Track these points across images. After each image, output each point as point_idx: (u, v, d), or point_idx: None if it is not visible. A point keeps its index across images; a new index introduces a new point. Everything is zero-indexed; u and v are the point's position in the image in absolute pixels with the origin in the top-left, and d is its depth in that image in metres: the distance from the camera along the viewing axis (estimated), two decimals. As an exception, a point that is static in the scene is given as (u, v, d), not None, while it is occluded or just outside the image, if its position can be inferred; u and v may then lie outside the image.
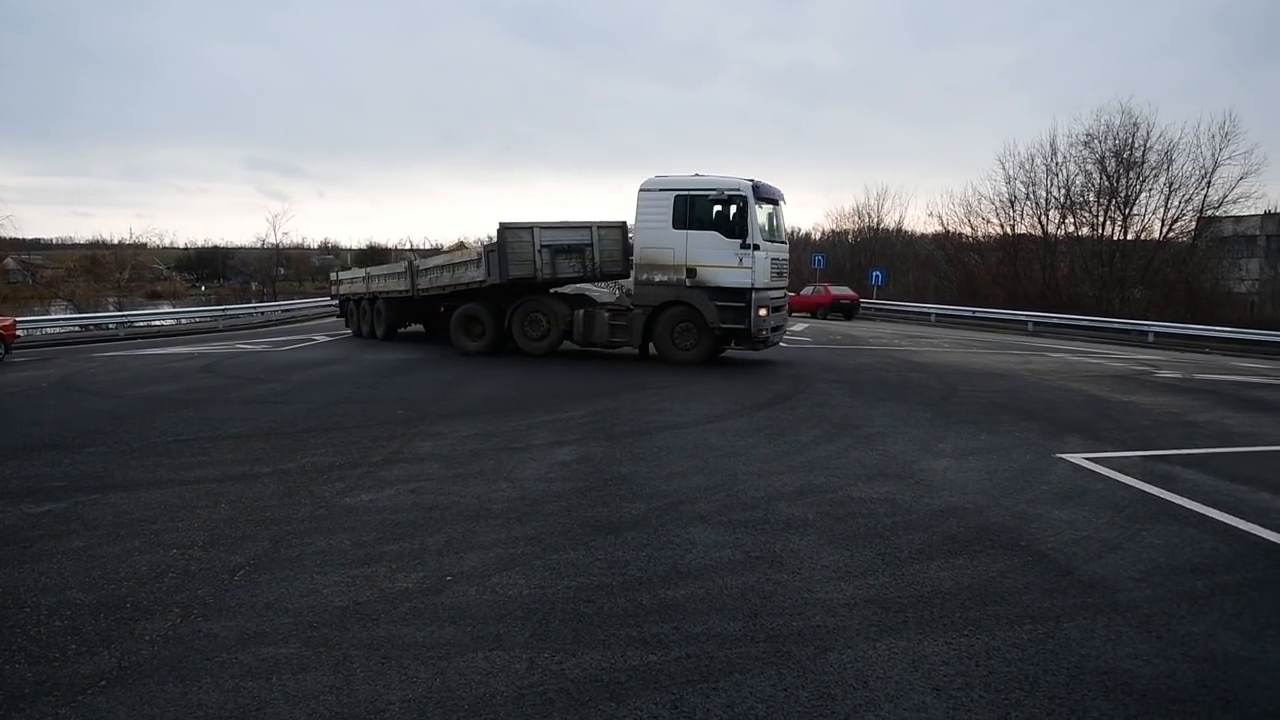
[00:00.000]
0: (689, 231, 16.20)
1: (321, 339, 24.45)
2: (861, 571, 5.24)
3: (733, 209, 16.05)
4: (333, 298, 28.56)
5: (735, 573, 5.19)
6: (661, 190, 16.50)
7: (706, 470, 7.81)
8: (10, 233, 50.98)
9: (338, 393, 13.17)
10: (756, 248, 15.84)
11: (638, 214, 16.73)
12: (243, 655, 4.09)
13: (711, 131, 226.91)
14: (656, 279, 16.59)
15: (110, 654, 4.13)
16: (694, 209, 16.26)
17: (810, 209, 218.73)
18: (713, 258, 16.07)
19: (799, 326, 31.25)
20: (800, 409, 11.46)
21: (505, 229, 17.22)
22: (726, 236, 15.99)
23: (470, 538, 5.85)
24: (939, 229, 53.47)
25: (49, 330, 30.52)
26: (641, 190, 16.66)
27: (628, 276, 17.73)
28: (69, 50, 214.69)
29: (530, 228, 17.29)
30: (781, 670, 3.93)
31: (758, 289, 15.93)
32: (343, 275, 26.72)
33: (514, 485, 7.25)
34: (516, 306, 18.04)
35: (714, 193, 16.20)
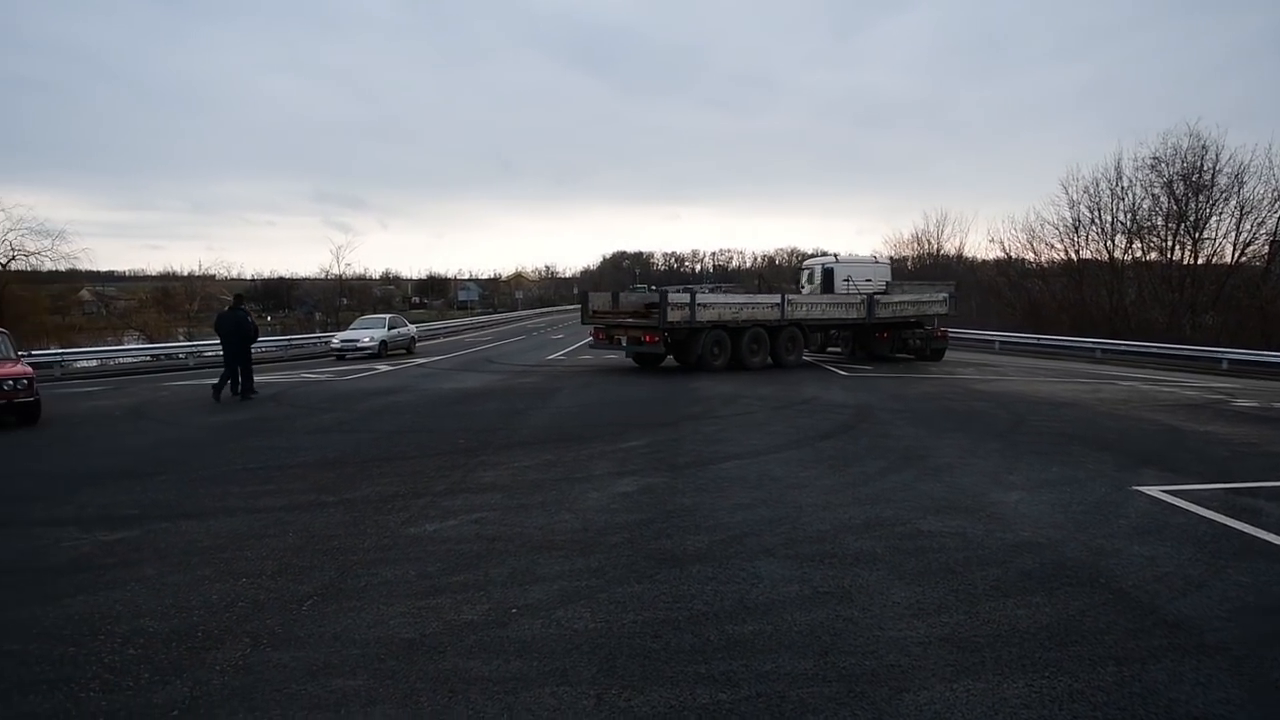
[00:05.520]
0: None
1: (383, 368, 24.78)
2: (935, 609, 5.09)
3: None
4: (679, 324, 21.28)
5: (804, 608, 5.09)
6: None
7: (770, 502, 7.71)
8: (86, 266, 52.78)
9: (400, 422, 13.31)
10: None
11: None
12: (311, 686, 4.10)
13: (768, 160, 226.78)
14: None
15: (183, 683, 4.17)
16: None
17: (869, 236, 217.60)
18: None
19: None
20: (864, 439, 11.28)
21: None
22: None
23: (534, 570, 5.83)
24: (1001, 255, 52.58)
25: (121, 360, 31.34)
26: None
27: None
28: (136, 90, 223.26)
29: None
30: (856, 712, 3.81)
31: None
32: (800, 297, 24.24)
33: (576, 516, 7.22)
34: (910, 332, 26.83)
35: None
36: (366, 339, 30.48)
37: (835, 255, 28.09)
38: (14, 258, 40.44)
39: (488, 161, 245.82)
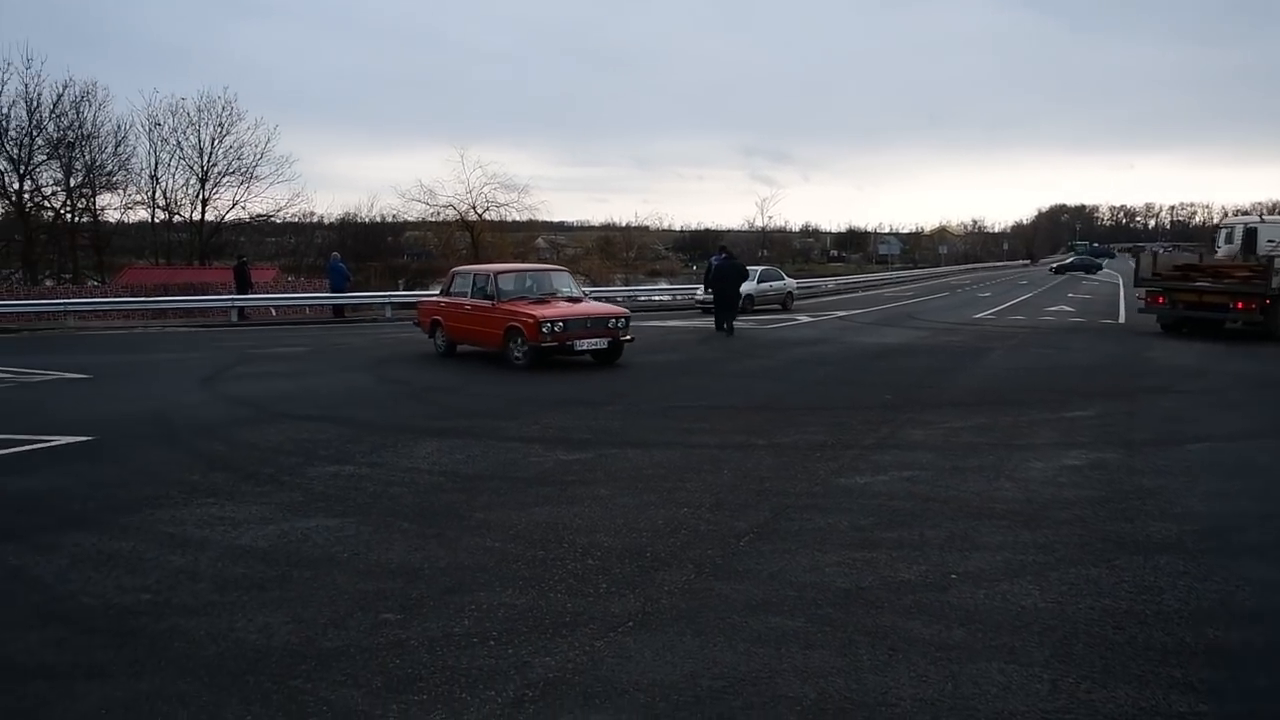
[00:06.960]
0: None
1: (804, 319, 25.05)
2: None
3: None
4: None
5: (1309, 624, 4.29)
6: None
7: (1254, 494, 6.63)
8: (543, 217, 59.21)
9: (823, 373, 13.37)
10: None
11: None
12: (752, 620, 4.20)
13: (1248, 98, 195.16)
14: None
15: (635, 598, 4.47)
16: None
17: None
18: None
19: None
20: (1378, 432, 9.34)
21: None
22: None
23: (972, 536, 5.51)
24: None
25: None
26: None
27: None
28: (590, 56, 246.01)
29: None
30: (1392, 759, 3.12)
31: None
32: None
33: (1017, 486, 6.73)
34: None
35: None
36: None
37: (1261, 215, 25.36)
38: (488, 208, 46.53)
39: (913, 112, 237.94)
